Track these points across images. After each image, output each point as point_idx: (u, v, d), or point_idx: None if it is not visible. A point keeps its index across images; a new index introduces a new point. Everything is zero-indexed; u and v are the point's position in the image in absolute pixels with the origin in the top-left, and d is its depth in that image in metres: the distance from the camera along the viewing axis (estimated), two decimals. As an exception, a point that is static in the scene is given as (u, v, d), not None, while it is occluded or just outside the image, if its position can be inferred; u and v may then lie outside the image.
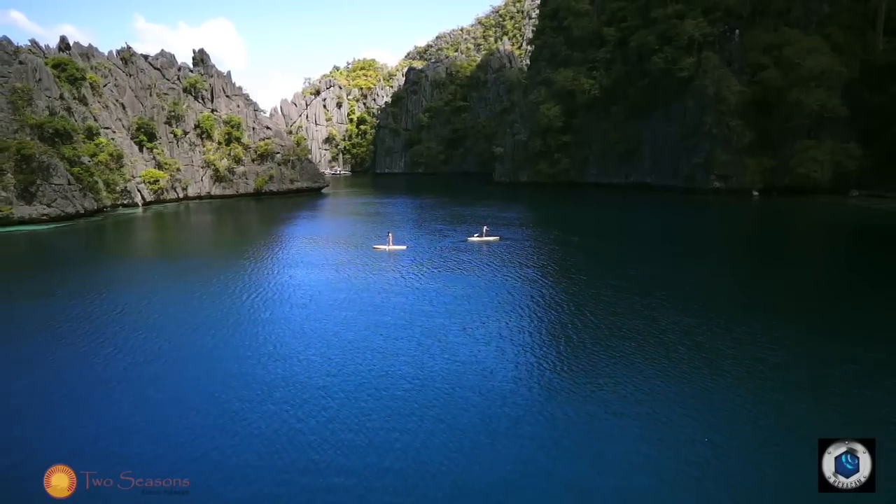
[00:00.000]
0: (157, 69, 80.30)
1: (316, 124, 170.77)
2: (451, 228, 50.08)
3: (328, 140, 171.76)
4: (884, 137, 62.41)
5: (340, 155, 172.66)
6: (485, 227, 43.09)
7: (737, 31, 70.48)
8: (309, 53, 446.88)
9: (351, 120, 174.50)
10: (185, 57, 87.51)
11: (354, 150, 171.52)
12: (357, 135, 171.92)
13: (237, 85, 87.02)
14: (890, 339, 20.25)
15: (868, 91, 64.04)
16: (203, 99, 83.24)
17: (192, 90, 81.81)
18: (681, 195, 71.05)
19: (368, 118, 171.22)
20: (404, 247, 40.43)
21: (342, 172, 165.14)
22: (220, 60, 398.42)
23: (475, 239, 42.05)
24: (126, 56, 77.80)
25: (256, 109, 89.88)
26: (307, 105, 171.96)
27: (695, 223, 54.19)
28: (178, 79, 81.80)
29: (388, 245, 40.30)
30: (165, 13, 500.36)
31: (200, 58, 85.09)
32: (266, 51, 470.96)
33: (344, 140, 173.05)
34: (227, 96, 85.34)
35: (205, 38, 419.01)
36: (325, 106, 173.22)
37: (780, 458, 12.45)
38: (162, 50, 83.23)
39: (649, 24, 77.05)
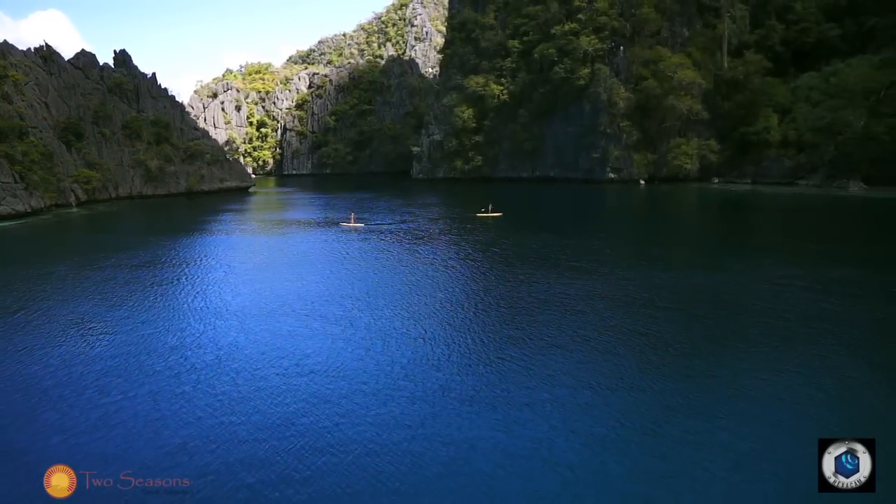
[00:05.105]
0: (79, 69, 79.21)
1: (215, 127, 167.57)
2: (418, 212, 57.82)
3: (228, 143, 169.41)
4: (733, 136, 79.26)
5: (241, 158, 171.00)
6: (490, 205, 51.11)
7: (622, 47, 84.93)
8: (167, 52, 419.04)
9: (251, 123, 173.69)
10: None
11: (256, 154, 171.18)
12: (258, 138, 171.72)
13: (163, 86, 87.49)
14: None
15: (721, 99, 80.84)
16: (129, 99, 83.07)
17: (117, 90, 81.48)
18: (581, 185, 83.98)
19: (269, 121, 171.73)
20: (362, 224, 47.78)
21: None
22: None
23: (482, 215, 50.36)
24: (45, 55, 76.16)
25: (183, 110, 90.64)
26: (205, 108, 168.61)
27: (602, 204, 66.69)
28: (102, 79, 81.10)
29: (351, 223, 47.61)
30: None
31: (122, 58, 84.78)
32: (109, 47, 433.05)
33: (244, 143, 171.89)
34: (153, 97, 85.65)
35: (34, 31, 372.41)
36: (223, 109, 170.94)
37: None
38: (82, 49, 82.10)
39: (549, 38, 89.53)
